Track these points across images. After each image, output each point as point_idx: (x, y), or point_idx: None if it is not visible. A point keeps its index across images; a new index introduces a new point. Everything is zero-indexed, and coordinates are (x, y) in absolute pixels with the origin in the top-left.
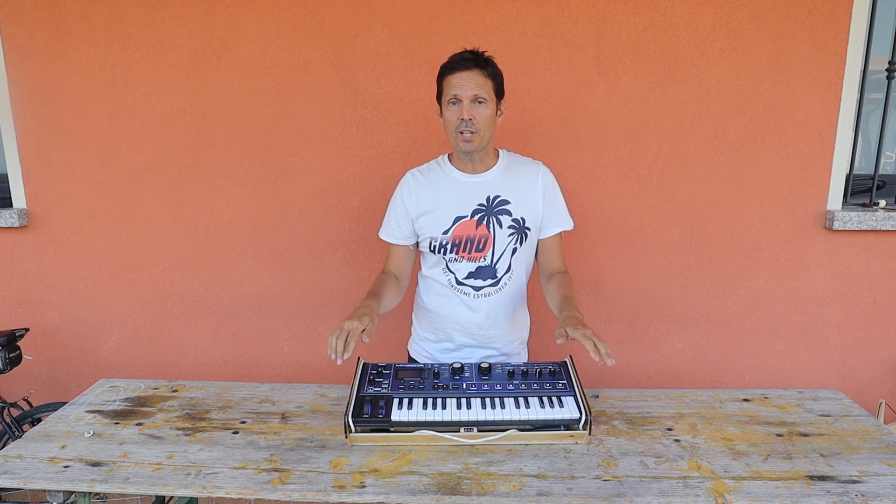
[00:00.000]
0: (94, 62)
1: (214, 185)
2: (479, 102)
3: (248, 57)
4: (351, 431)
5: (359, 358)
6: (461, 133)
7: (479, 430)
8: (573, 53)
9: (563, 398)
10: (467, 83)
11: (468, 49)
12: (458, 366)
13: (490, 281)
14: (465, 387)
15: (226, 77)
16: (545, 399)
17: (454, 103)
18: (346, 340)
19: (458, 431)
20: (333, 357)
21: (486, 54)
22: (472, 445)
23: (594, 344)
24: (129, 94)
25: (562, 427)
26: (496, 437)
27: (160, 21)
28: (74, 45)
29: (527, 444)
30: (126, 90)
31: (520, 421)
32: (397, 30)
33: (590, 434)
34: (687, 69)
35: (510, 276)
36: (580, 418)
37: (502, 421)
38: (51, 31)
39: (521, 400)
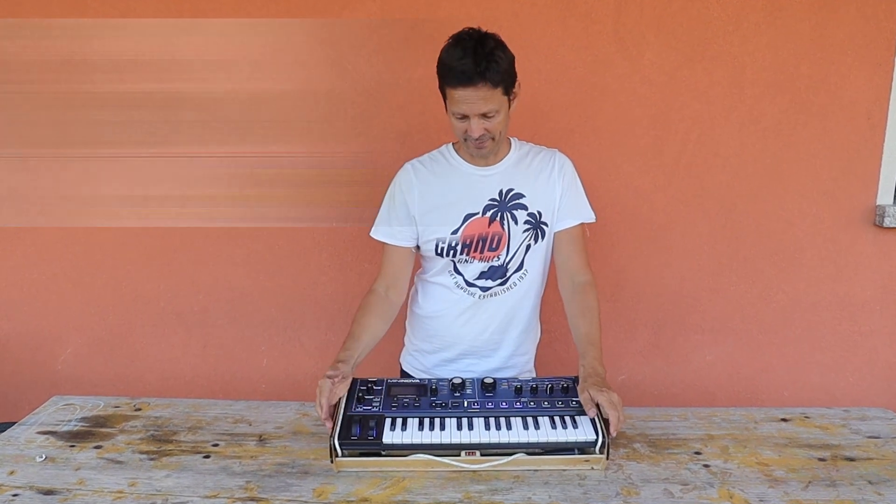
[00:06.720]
0: (50, 34)
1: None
2: (489, 117)
3: (222, 31)
4: (337, 455)
5: None
6: (474, 141)
7: (481, 454)
8: (589, 28)
9: (577, 418)
10: (472, 101)
11: (465, 42)
12: (459, 381)
13: (499, 280)
14: (466, 405)
15: (196, 55)
16: (557, 419)
17: (461, 118)
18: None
19: (459, 455)
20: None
21: (489, 43)
22: (474, 471)
23: (617, 416)
24: (87, 74)
25: (576, 450)
26: (501, 461)
27: None
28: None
29: (536, 470)
30: (84, 69)
31: (528, 443)
32: (391, 0)
33: (608, 458)
34: (718, 45)
35: (521, 276)
36: (596, 440)
37: (508, 443)
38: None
39: (529, 420)
